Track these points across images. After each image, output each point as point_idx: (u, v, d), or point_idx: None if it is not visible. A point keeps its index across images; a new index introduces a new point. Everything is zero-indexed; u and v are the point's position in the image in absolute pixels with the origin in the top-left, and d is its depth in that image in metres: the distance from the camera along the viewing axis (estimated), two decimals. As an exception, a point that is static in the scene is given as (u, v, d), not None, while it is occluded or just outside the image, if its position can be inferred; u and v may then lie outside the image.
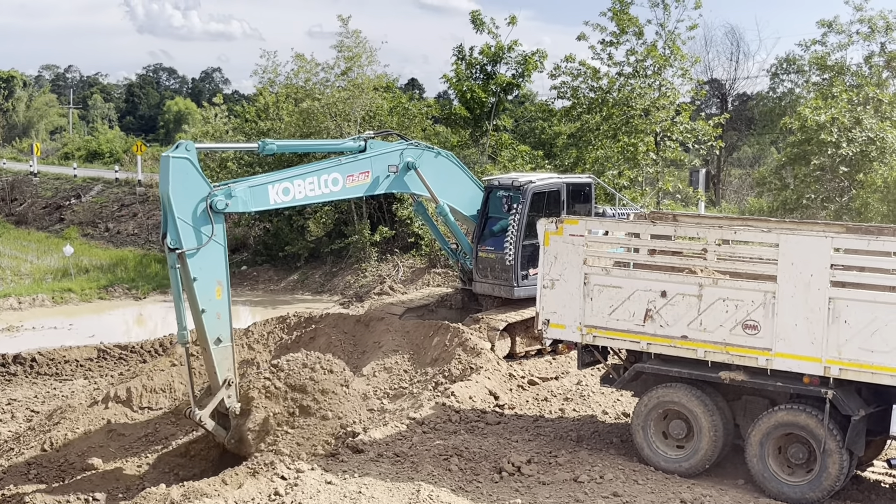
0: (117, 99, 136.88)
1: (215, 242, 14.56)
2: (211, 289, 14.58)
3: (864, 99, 32.26)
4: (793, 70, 41.88)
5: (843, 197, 30.42)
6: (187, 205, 14.27)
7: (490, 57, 38.69)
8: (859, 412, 12.53)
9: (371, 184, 18.34)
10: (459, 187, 20.58)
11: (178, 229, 14.08)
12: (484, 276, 20.46)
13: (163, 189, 14.23)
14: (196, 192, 14.36)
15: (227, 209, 14.75)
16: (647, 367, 14.10)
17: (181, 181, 14.20)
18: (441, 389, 16.91)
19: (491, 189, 20.58)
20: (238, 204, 15.26)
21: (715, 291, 13.18)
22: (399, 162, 18.89)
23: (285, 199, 16.46)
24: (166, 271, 38.08)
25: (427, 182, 19.29)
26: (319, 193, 17.13)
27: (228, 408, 14.60)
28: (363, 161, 18.17)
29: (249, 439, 14.38)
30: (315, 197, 17.14)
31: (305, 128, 36.03)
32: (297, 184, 16.52)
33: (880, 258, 12.56)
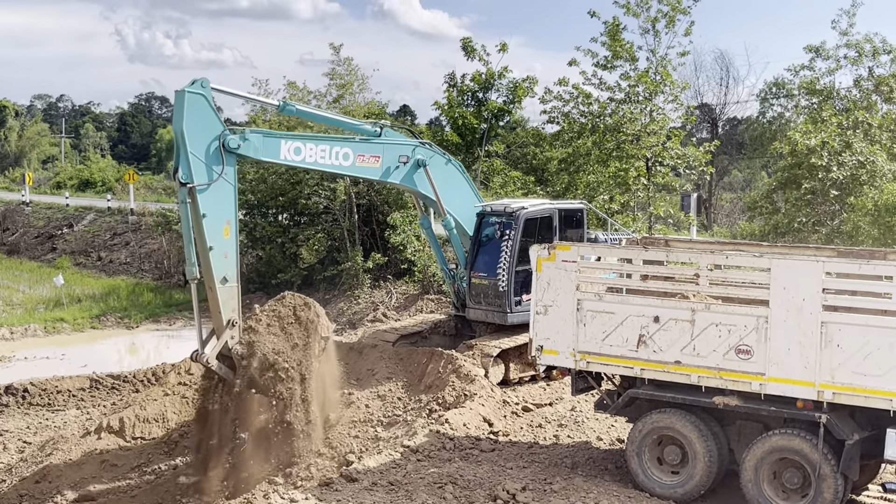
0: (109, 128, 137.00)
1: (225, 182, 14.71)
2: (219, 227, 14.67)
3: (853, 123, 32.44)
4: (782, 94, 42.12)
5: (835, 220, 30.51)
6: (200, 141, 14.47)
7: (481, 84, 38.84)
8: (853, 436, 12.53)
9: (380, 170, 18.66)
10: (464, 198, 20.74)
11: (190, 164, 14.26)
12: (477, 302, 20.46)
13: (176, 125, 14.39)
14: (210, 129, 14.59)
15: (238, 150, 15.02)
16: (640, 392, 14.09)
17: (195, 117, 14.42)
18: (435, 416, 16.86)
19: (483, 215, 20.63)
20: (250, 149, 15.47)
21: (707, 316, 13.20)
22: (410, 156, 19.15)
23: (295, 158, 16.71)
24: (158, 300, 38.06)
25: (434, 184, 19.46)
26: (328, 163, 17.42)
27: (231, 349, 14.48)
28: (376, 145, 18.51)
29: (259, 381, 14.20)
30: (324, 165, 17.40)
31: (298, 155, 36.02)
32: (309, 147, 16.86)
33: (872, 282, 12.61)
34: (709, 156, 34.29)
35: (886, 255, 15.19)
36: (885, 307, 12.27)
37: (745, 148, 52.64)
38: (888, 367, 12.00)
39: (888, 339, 11.99)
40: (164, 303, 36.46)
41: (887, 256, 14.85)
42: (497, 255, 20.03)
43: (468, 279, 20.54)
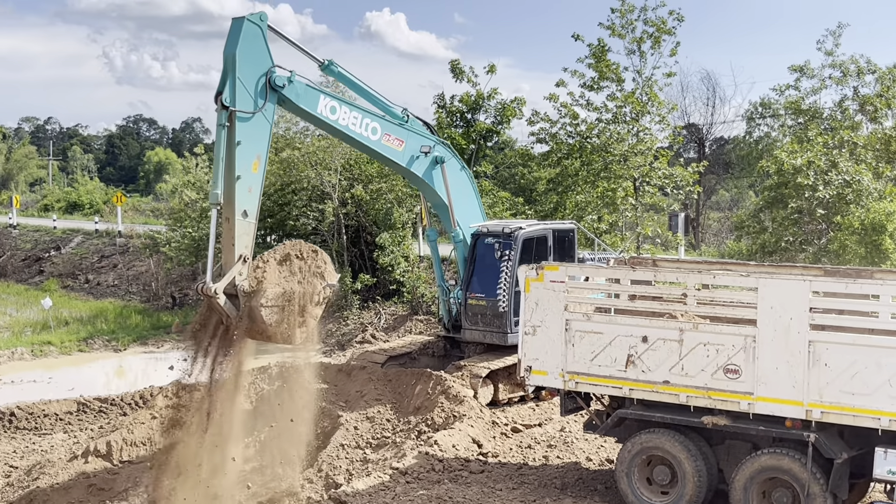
0: (97, 150, 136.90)
1: (264, 117, 14.96)
2: (250, 159, 14.77)
3: (839, 142, 32.63)
4: (768, 114, 42.36)
5: (821, 239, 30.63)
6: (249, 70, 14.81)
7: (470, 105, 38.99)
8: (842, 455, 12.55)
9: (402, 154, 19.00)
10: (470, 207, 20.83)
11: (236, 90, 14.52)
12: (474, 323, 20.46)
13: (229, 49, 14.67)
14: (260, 61, 14.97)
15: (283, 90, 15.42)
16: (629, 412, 14.09)
17: (248, 46, 14.78)
18: (424, 438, 16.82)
19: (479, 236, 20.63)
20: (292, 92, 15.88)
21: (695, 336, 13.23)
22: (431, 149, 19.46)
23: (330, 116, 17.14)
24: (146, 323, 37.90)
25: (448, 186, 19.62)
26: (358, 132, 17.79)
27: (238, 286, 14.40)
28: (403, 130, 18.92)
29: (262, 315, 14.09)
30: (353, 132, 17.73)
31: (286, 177, 36.09)
32: (343, 109, 17.37)
33: (859, 301, 12.66)
34: (696, 176, 34.42)
35: (873, 273, 15.26)
36: (871, 326, 12.32)
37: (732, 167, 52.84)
38: (875, 386, 12.03)
39: (875, 357, 12.03)
40: (151, 325, 36.32)
41: (874, 275, 14.91)
42: (495, 275, 20.01)
43: (464, 300, 20.52)
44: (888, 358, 11.96)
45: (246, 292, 14.42)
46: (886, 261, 27.72)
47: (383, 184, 35.01)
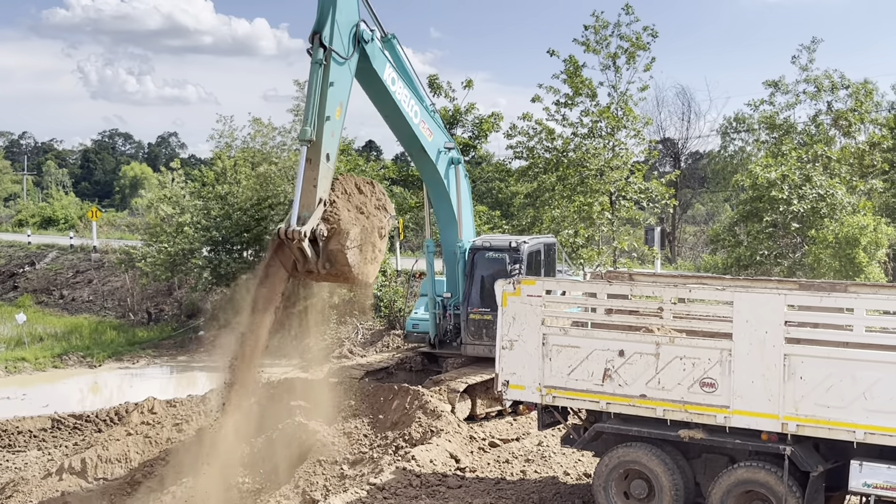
0: (72, 165, 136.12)
1: (349, 68, 15.34)
2: (335, 104, 15.02)
3: (813, 157, 32.92)
4: (742, 129, 42.71)
5: (796, 253, 30.86)
6: (345, 17, 15.25)
7: (447, 119, 39.07)
8: (818, 468, 12.61)
9: (431, 145, 19.50)
10: (470, 219, 21.15)
11: (337, 31, 14.87)
12: (477, 337, 20.48)
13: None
14: (352, 11, 15.60)
15: (366, 45, 16.06)
16: (606, 426, 14.11)
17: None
18: (402, 453, 16.77)
19: (477, 250, 20.70)
20: (372, 50, 16.48)
21: (672, 350, 13.27)
22: (452, 147, 20.12)
23: (390, 86, 17.64)
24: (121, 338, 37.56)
25: (460, 189, 20.16)
26: (405, 109, 18.31)
27: (317, 228, 14.25)
28: (434, 121, 19.52)
29: (347, 258, 13.92)
30: (403, 109, 18.23)
31: (263, 191, 36.02)
32: (399, 84, 17.96)
33: (833, 314, 12.74)
34: (671, 190, 34.62)
35: (847, 287, 15.36)
36: (846, 339, 12.40)
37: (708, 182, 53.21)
38: (851, 399, 12.11)
39: (850, 370, 12.11)
40: (127, 341, 36.08)
41: (848, 289, 15.01)
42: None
43: (465, 315, 20.53)
44: (863, 371, 12.04)
45: (326, 235, 14.27)
46: (860, 274, 27.96)
47: (360, 198, 34.95)
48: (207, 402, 20.19)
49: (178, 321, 39.33)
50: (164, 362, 33.66)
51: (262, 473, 17.10)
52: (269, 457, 17.59)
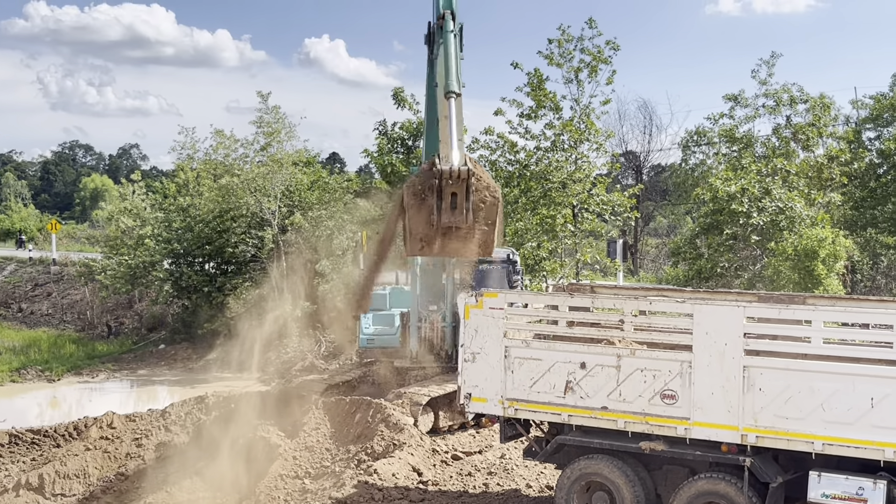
0: (32, 177, 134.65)
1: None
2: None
3: (772, 170, 33.28)
4: (703, 142, 43.10)
5: (756, 265, 31.16)
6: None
7: (411, 132, 39.09)
8: (777, 479, 12.70)
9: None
10: None
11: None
12: None
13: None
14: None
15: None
16: (568, 439, 14.13)
17: None
18: (364, 467, 16.70)
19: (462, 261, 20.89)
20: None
21: (633, 362, 13.32)
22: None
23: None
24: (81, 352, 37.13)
25: None
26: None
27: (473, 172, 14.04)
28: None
29: (498, 210, 13.19)
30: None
31: (225, 203, 35.84)
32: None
33: (792, 326, 12.87)
34: (633, 200, 34.84)
35: (805, 299, 15.52)
36: (804, 351, 12.52)
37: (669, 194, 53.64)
38: (809, 410, 12.22)
39: (808, 382, 12.22)
40: (86, 355, 35.73)
41: (806, 301, 15.16)
42: None
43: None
44: (821, 382, 12.16)
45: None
46: (819, 286, 28.28)
47: (323, 211, 34.91)
48: (167, 416, 20.00)
49: (138, 334, 39.02)
50: (125, 376, 33.35)
51: (224, 489, 16.96)
52: (231, 471, 17.46)
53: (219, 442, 18.42)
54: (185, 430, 19.66)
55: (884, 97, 40.67)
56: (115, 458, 18.93)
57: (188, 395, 23.21)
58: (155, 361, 35.19)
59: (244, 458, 17.50)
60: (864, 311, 13.61)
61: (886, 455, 11.86)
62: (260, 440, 17.72)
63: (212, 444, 18.52)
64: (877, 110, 40.90)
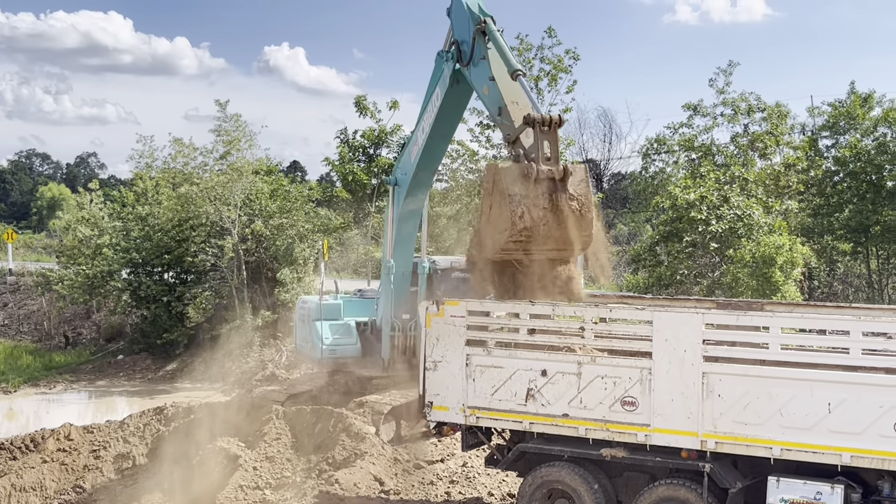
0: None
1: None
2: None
3: (730, 178, 33.61)
4: (663, 150, 43.40)
5: (715, 272, 31.42)
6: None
7: (372, 140, 39.07)
8: (737, 485, 12.79)
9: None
10: (400, 237, 21.40)
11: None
12: None
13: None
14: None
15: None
16: (530, 446, 14.16)
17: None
18: (325, 477, 16.63)
19: (443, 271, 20.93)
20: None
21: (593, 369, 13.38)
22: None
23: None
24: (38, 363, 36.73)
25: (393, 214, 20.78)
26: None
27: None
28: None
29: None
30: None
31: (184, 212, 35.56)
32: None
33: (750, 332, 12.98)
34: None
35: (763, 305, 15.68)
36: (763, 357, 12.63)
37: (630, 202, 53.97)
38: (767, 416, 12.32)
39: (766, 388, 12.32)
40: (43, 366, 35.27)
41: (764, 307, 15.31)
42: None
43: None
44: (779, 388, 12.26)
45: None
46: (777, 293, 28.56)
47: (284, 219, 34.77)
48: (126, 428, 19.78)
49: (96, 345, 38.59)
50: (83, 387, 32.97)
51: (183, 500, 16.80)
52: (191, 483, 17.30)
53: (178, 453, 18.26)
54: (144, 441, 19.47)
55: (840, 105, 41.19)
56: (73, 471, 18.69)
57: (147, 405, 23.00)
58: (113, 372, 34.83)
59: (204, 469, 17.35)
60: (821, 318, 13.78)
61: (843, 459, 11.98)
62: (220, 451, 17.58)
63: (171, 455, 18.35)
64: (833, 118, 41.41)
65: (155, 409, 20.62)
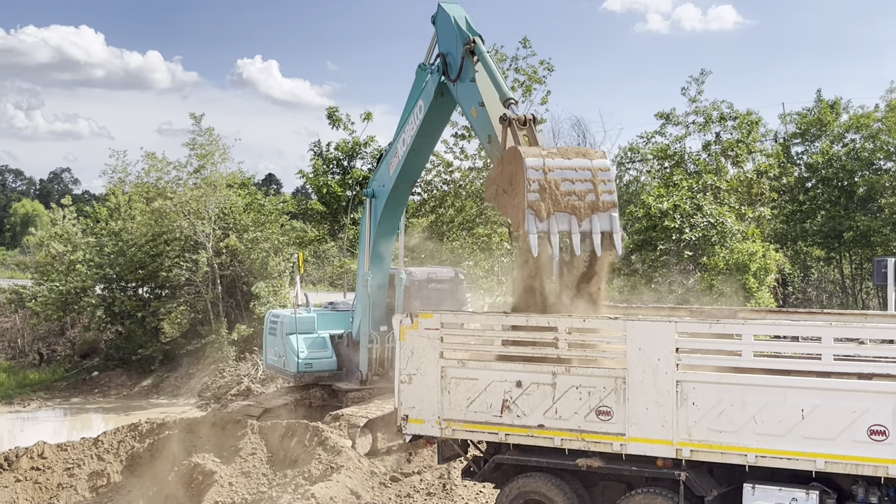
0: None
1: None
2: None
3: (703, 186, 33.78)
4: (637, 159, 43.58)
5: (689, 280, 31.54)
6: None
7: (346, 152, 38.97)
8: (712, 492, 12.80)
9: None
10: (376, 248, 21.41)
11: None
12: None
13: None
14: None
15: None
16: (506, 458, 14.13)
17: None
18: (301, 492, 16.53)
19: (420, 282, 21.06)
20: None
21: (568, 379, 13.37)
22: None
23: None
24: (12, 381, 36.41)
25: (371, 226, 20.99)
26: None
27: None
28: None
29: None
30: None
31: (158, 227, 35.42)
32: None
33: (723, 340, 13.03)
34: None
35: (736, 313, 15.75)
36: (736, 364, 12.67)
37: (605, 211, 54.12)
38: (741, 423, 12.35)
39: (740, 395, 12.35)
40: (17, 383, 34.96)
41: (737, 315, 15.38)
42: None
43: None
44: (752, 395, 12.29)
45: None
46: (751, 299, 28.73)
47: (259, 233, 34.66)
48: (100, 445, 19.62)
49: (70, 362, 38.30)
50: (57, 404, 32.71)
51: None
52: (166, 500, 17.19)
53: (152, 470, 18.13)
54: (118, 458, 19.32)
55: (809, 112, 41.55)
56: (47, 489, 18.52)
57: (122, 422, 22.82)
58: (88, 389, 34.58)
59: (179, 485, 17.24)
60: (794, 324, 13.86)
61: (818, 465, 12.02)
62: (195, 467, 17.46)
63: (145, 472, 18.23)
64: (802, 126, 41.76)
65: (129, 425, 20.46)
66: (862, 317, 16.11)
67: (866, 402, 11.71)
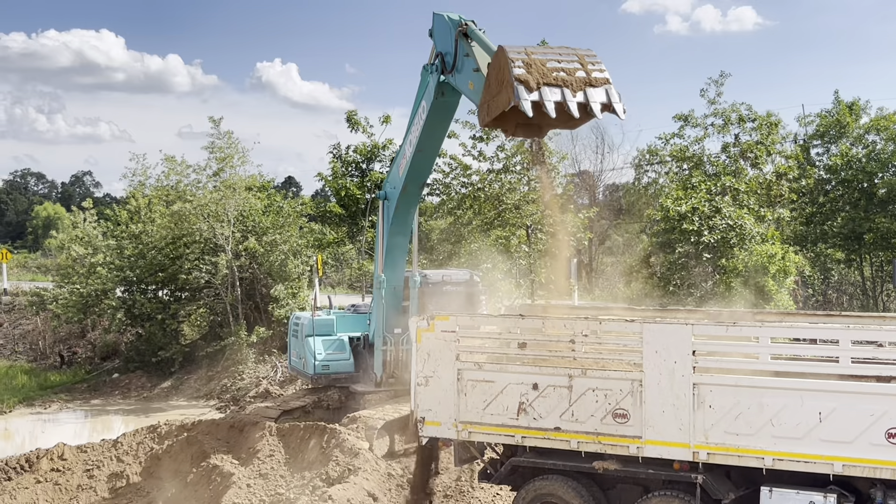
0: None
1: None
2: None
3: (721, 188, 33.68)
4: (655, 161, 43.53)
5: (708, 282, 31.45)
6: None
7: (365, 155, 39.09)
8: (729, 495, 12.78)
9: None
10: (390, 251, 21.43)
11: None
12: None
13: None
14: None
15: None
16: (522, 460, 14.14)
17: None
18: (319, 493, 16.56)
19: (428, 284, 21.16)
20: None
21: (584, 382, 13.37)
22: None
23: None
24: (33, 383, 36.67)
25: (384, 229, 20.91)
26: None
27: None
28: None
29: None
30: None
31: (178, 230, 35.58)
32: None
33: (740, 343, 13.00)
34: (586, 221, 35.12)
35: (754, 315, 15.70)
36: (753, 367, 12.64)
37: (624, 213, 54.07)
38: (759, 426, 12.32)
39: (757, 398, 12.32)
40: (39, 385, 35.19)
41: (754, 318, 15.34)
42: None
43: None
44: (769, 398, 12.27)
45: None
46: (770, 302, 28.62)
47: (277, 235, 34.78)
48: (119, 447, 19.74)
49: (91, 364, 38.52)
50: (78, 406, 32.91)
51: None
52: (184, 501, 17.27)
53: (171, 471, 18.23)
54: (138, 460, 19.43)
55: (827, 114, 41.36)
56: (67, 491, 18.65)
57: (142, 424, 22.94)
58: (109, 391, 34.76)
59: (197, 487, 17.32)
60: (811, 327, 13.81)
61: (835, 469, 11.98)
62: (213, 468, 17.55)
63: (164, 473, 18.32)
64: (821, 127, 41.57)
65: (149, 427, 20.56)
66: (880, 319, 16.03)
67: (884, 405, 11.66)
